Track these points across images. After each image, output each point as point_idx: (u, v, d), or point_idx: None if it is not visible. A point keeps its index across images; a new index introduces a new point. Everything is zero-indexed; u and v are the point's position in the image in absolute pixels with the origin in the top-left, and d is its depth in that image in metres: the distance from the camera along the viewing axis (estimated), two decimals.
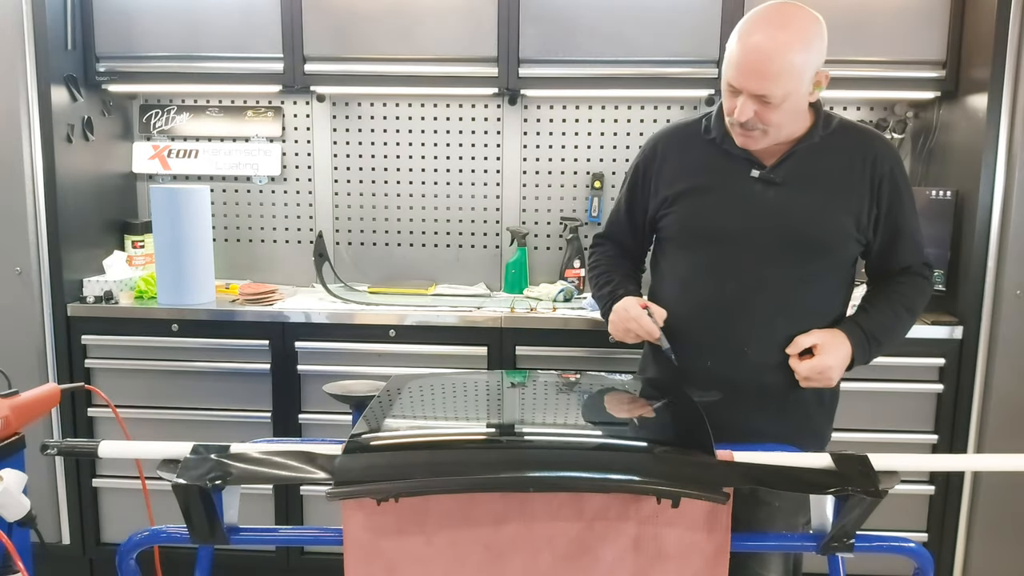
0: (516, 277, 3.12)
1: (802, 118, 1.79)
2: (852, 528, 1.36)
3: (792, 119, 1.75)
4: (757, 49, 1.66)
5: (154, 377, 2.77)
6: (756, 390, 1.82)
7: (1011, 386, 2.58)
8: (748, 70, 1.68)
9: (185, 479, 1.30)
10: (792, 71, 1.66)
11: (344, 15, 2.83)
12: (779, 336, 1.80)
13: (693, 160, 1.89)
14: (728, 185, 1.83)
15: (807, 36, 1.68)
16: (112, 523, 2.89)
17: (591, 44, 2.79)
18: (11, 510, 1.43)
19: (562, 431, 1.55)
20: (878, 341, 1.83)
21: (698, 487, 1.28)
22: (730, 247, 1.82)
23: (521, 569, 1.37)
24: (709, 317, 1.84)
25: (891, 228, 1.85)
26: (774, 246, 1.79)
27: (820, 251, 1.81)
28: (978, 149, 2.56)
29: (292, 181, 3.25)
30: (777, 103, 1.68)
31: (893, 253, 1.88)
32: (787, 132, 1.77)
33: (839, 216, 1.80)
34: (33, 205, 2.71)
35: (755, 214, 1.80)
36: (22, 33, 2.63)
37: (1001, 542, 2.67)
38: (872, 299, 1.92)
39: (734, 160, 1.83)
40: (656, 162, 1.93)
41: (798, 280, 1.81)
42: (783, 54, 1.65)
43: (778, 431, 1.79)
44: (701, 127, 1.90)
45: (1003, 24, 2.48)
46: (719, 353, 1.83)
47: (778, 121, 1.72)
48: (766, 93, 1.67)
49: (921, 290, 1.90)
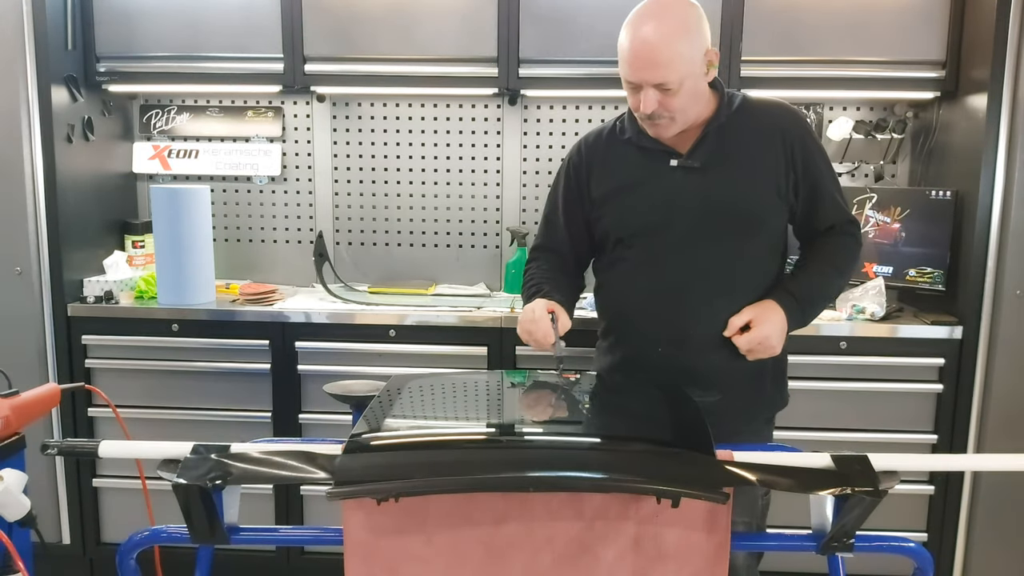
0: (516, 277, 3.11)
1: (704, 100, 1.87)
2: (852, 528, 1.36)
3: (694, 102, 1.83)
4: (644, 42, 1.76)
5: (154, 377, 2.78)
6: (706, 369, 1.90)
7: (1011, 386, 2.59)
8: (641, 63, 1.77)
9: (185, 479, 1.31)
10: (682, 55, 1.75)
11: (344, 15, 2.83)
12: (721, 315, 1.88)
13: (615, 162, 1.98)
14: (651, 179, 1.92)
15: (686, 20, 1.78)
16: (112, 523, 2.89)
17: (591, 44, 2.79)
18: (11, 510, 1.43)
19: (562, 431, 1.55)
20: (810, 302, 1.93)
21: (698, 487, 1.28)
22: (662, 237, 1.91)
23: (521, 569, 1.37)
24: (653, 306, 1.92)
25: (809, 191, 1.93)
26: (703, 229, 1.88)
27: (747, 226, 1.90)
28: (978, 149, 2.56)
29: (292, 181, 3.25)
30: (676, 88, 1.76)
31: (815, 214, 1.96)
32: (693, 115, 1.85)
33: (759, 188, 1.90)
34: (33, 205, 2.71)
35: (680, 201, 1.89)
36: (22, 33, 2.64)
37: (1001, 542, 2.67)
38: (800, 262, 2.02)
39: (652, 154, 1.92)
40: (584, 165, 2.02)
41: (731, 258, 1.90)
42: (669, 41, 1.75)
43: (732, 404, 1.89)
44: (616, 129, 2.00)
45: (1003, 24, 2.48)
46: (666, 339, 1.91)
47: (681, 106, 1.80)
48: (663, 81, 1.75)
49: (846, 247, 1.98)
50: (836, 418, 2.64)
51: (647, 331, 1.93)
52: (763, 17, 2.75)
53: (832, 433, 2.62)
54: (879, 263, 2.82)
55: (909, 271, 2.76)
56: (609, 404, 1.78)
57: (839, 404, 2.64)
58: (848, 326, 2.61)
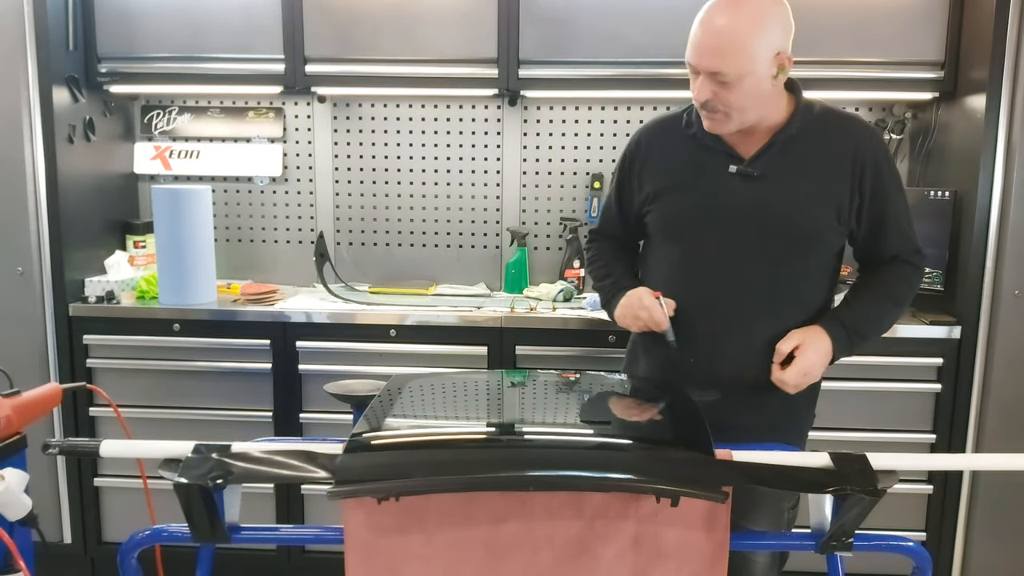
0: (516, 277, 3.12)
1: (772, 104, 1.77)
2: (851, 527, 1.36)
3: (756, 103, 1.74)
4: (709, 27, 1.69)
5: (156, 377, 2.78)
6: (737, 386, 1.82)
7: (1009, 386, 2.59)
8: (700, 48, 1.70)
9: (186, 478, 1.31)
10: (743, 48, 1.66)
11: (345, 16, 2.84)
12: (759, 334, 1.81)
13: (674, 155, 1.89)
14: (707, 182, 1.83)
15: (761, 15, 1.68)
16: (114, 522, 2.90)
17: (591, 45, 2.80)
18: (13, 509, 1.43)
19: (562, 430, 1.55)
20: (860, 334, 1.83)
21: (698, 486, 1.29)
22: (710, 245, 1.83)
23: (521, 568, 1.37)
24: (690, 315, 1.84)
25: (875, 216, 1.83)
26: (753, 242, 1.80)
27: (800, 245, 1.81)
28: (976, 149, 2.56)
29: (293, 181, 3.26)
30: (732, 82, 1.68)
31: (879, 241, 1.86)
32: (754, 116, 1.76)
33: (819, 208, 1.79)
34: (35, 205, 2.72)
35: (732, 209, 1.80)
36: (23, 34, 2.64)
37: (999, 541, 2.67)
38: (856, 290, 1.91)
39: (713, 154, 1.83)
40: (640, 157, 1.94)
41: (778, 276, 1.81)
42: (733, 31, 1.66)
43: (757, 423, 1.81)
44: (683, 121, 1.89)
45: (1001, 25, 2.49)
46: (702, 350, 1.84)
47: (739, 103, 1.71)
48: (718, 70, 1.67)
49: (907, 279, 1.88)
50: (835, 418, 2.64)
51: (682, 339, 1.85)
52: None
53: (831, 432, 2.62)
54: None
55: None
56: (609, 403, 1.79)
57: (838, 404, 2.63)
58: None
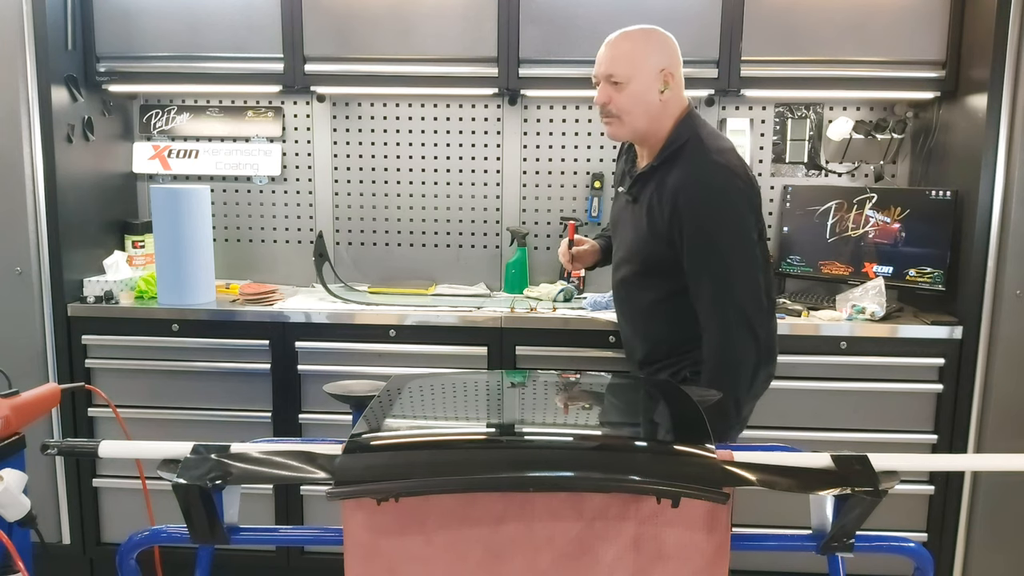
0: (516, 277, 3.12)
1: (661, 121, 1.99)
2: (852, 528, 1.36)
3: (643, 110, 1.97)
4: (609, 43, 2.03)
5: (154, 377, 2.78)
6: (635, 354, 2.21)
7: (1011, 386, 2.59)
8: (600, 59, 2.02)
9: (185, 479, 1.30)
10: (633, 56, 1.97)
11: (344, 15, 2.83)
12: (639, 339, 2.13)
13: (620, 166, 2.20)
14: (618, 196, 2.17)
15: (648, 35, 2.01)
16: (112, 523, 2.89)
17: (591, 44, 2.75)
18: (11, 510, 1.43)
19: (562, 431, 1.55)
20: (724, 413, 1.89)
21: (698, 487, 1.28)
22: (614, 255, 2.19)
23: (521, 569, 1.37)
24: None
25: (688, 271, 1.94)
26: (626, 260, 2.09)
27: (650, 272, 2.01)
28: (978, 149, 2.56)
29: (292, 181, 3.25)
30: (623, 83, 1.96)
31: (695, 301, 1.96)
32: (640, 125, 1.99)
33: (656, 244, 1.99)
34: (33, 205, 2.71)
35: (619, 228, 2.14)
36: (22, 33, 2.64)
37: (1000, 542, 2.67)
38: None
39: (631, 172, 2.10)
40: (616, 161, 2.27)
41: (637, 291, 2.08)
42: (626, 44, 2.00)
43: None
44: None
45: (1003, 24, 2.49)
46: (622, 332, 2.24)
47: (626, 107, 1.97)
48: (611, 72, 1.97)
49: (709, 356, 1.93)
50: (836, 418, 2.64)
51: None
52: (763, 17, 2.75)
53: (832, 433, 2.63)
54: (879, 263, 2.82)
55: (909, 271, 2.76)
56: (609, 404, 1.78)
57: (839, 404, 2.64)
58: (848, 326, 2.61)
